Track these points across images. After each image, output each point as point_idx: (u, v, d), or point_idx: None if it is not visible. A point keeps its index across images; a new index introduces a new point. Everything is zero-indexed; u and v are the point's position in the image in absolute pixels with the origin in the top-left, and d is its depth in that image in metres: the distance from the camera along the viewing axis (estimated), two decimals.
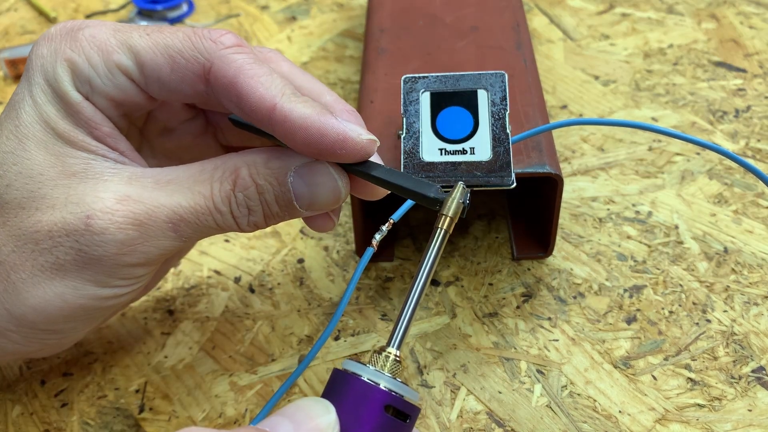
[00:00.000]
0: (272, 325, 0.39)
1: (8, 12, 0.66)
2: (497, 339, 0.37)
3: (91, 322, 0.31)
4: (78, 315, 0.29)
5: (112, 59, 0.28)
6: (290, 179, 0.27)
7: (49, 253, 0.27)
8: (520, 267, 0.41)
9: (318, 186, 0.28)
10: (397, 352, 0.26)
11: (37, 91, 0.28)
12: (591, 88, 0.52)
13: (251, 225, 0.28)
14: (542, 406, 0.34)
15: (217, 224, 0.28)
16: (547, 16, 0.60)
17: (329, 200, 0.28)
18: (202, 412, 0.35)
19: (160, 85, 0.28)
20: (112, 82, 0.28)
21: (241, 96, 0.27)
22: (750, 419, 0.33)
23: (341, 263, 0.42)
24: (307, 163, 0.28)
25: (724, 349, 0.36)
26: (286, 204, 0.28)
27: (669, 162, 0.46)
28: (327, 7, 0.63)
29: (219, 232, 0.29)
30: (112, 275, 0.28)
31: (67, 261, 0.27)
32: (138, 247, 0.27)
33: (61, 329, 0.29)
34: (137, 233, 0.27)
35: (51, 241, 0.27)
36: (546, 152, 0.37)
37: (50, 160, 0.27)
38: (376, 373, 0.25)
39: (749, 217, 0.42)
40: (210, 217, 0.28)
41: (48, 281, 0.28)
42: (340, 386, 0.25)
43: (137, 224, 0.27)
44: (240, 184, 0.27)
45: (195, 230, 0.28)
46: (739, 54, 0.54)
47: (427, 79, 0.36)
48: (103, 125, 0.28)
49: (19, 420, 0.35)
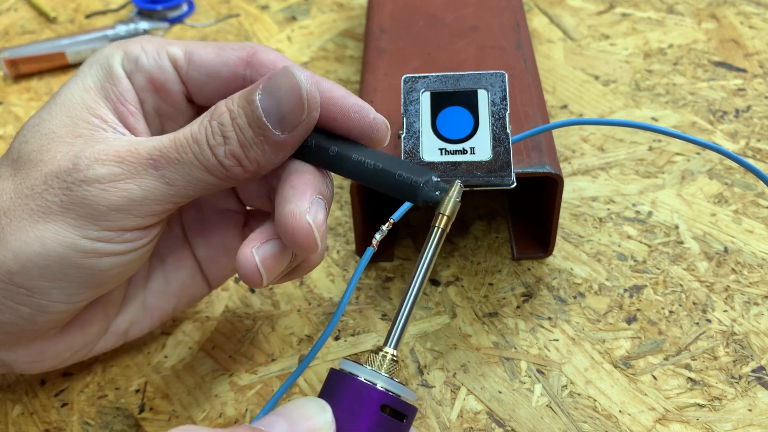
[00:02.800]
0: (272, 325, 0.39)
1: (8, 12, 0.66)
2: (497, 339, 0.37)
3: (67, 289, 0.29)
4: (54, 268, 0.28)
5: (164, 47, 0.31)
6: (258, 96, 0.28)
7: (40, 197, 0.28)
8: (520, 267, 0.41)
9: (281, 89, 0.28)
10: (394, 351, 0.26)
11: (86, 69, 0.31)
12: (591, 88, 0.52)
13: (230, 156, 0.28)
14: (542, 406, 0.34)
15: (197, 158, 0.28)
16: (547, 16, 0.60)
17: (294, 102, 0.28)
18: (203, 412, 0.35)
19: (201, 70, 0.31)
20: (156, 62, 0.31)
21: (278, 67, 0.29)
22: (750, 419, 0.33)
23: (341, 263, 0.42)
24: (271, 75, 0.28)
25: (724, 348, 0.36)
26: (257, 123, 0.28)
27: (669, 162, 0.46)
28: (327, 7, 0.63)
29: (206, 175, 0.28)
30: (94, 220, 0.28)
31: (54, 203, 0.28)
32: (119, 184, 0.28)
33: (35, 287, 0.29)
34: (119, 169, 0.28)
35: (44, 185, 0.28)
36: (546, 152, 0.37)
37: (64, 120, 0.30)
38: (373, 373, 0.25)
39: (749, 217, 0.42)
40: (188, 149, 0.28)
41: (32, 224, 0.28)
42: (337, 386, 0.26)
43: (119, 160, 0.28)
44: (216, 113, 0.28)
45: (177, 168, 0.28)
46: (739, 54, 0.54)
47: (427, 78, 0.36)
48: (130, 103, 0.31)
49: (20, 420, 0.35)
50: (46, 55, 0.57)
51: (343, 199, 0.45)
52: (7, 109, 0.55)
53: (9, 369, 0.33)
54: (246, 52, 0.31)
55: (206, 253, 0.35)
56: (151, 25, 0.61)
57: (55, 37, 0.60)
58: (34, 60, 0.57)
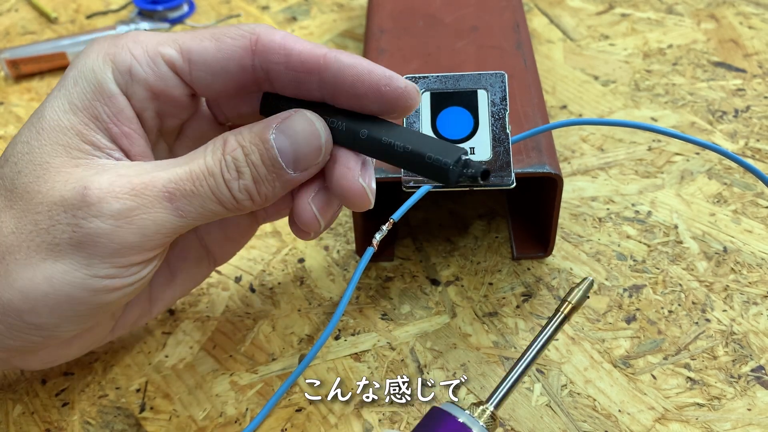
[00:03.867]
0: (273, 325, 0.39)
1: (9, 12, 0.66)
2: (497, 338, 0.37)
3: (76, 321, 0.29)
4: (63, 306, 0.28)
5: (157, 49, 0.29)
6: (272, 135, 0.28)
7: (47, 233, 0.27)
8: (520, 266, 0.41)
9: (298, 134, 0.28)
10: (494, 409, 0.29)
11: (71, 86, 0.29)
12: (591, 88, 0.52)
13: (243, 191, 0.28)
14: (542, 405, 0.34)
15: (212, 192, 0.28)
16: (547, 17, 0.60)
17: (311, 148, 0.28)
18: (203, 412, 0.35)
19: (206, 69, 0.29)
20: (153, 71, 0.29)
21: (291, 51, 0.28)
22: (749, 418, 0.33)
23: (342, 263, 0.42)
24: (286, 117, 0.28)
25: (724, 348, 0.36)
26: (272, 162, 0.28)
27: (668, 162, 0.46)
28: (327, 8, 0.63)
29: (217, 207, 0.28)
30: (105, 257, 0.27)
31: (63, 240, 0.27)
32: (135, 219, 0.27)
33: (44, 324, 0.28)
34: (134, 203, 0.27)
35: (50, 220, 0.27)
36: (546, 152, 0.37)
37: (56, 149, 0.28)
38: (471, 418, 0.28)
39: (748, 217, 0.43)
40: (204, 183, 0.28)
41: (40, 263, 0.27)
42: (436, 422, 0.28)
43: (134, 194, 0.27)
44: (228, 147, 0.28)
45: (191, 200, 0.28)
46: (738, 54, 0.55)
47: (427, 79, 0.37)
48: (125, 123, 0.29)
49: (20, 419, 0.35)
50: (46, 56, 0.58)
51: None
52: (8, 109, 0.55)
53: (19, 368, 0.33)
54: (248, 39, 0.29)
55: (215, 234, 0.35)
56: (151, 25, 0.61)
57: (56, 37, 0.60)
58: (35, 60, 0.57)
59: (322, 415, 0.35)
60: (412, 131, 0.29)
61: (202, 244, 0.35)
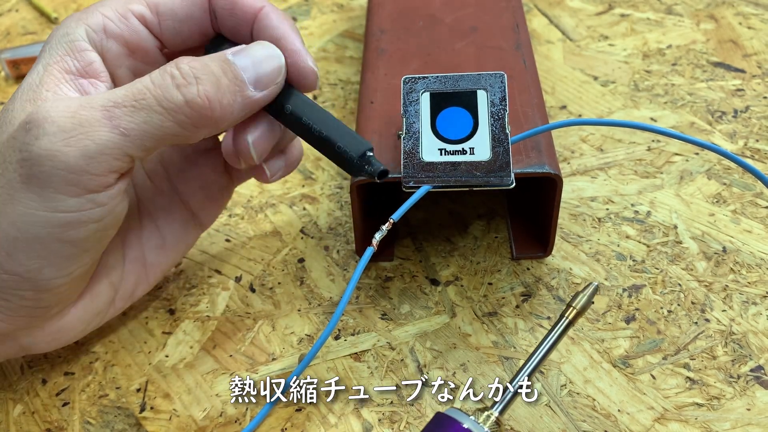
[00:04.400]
0: (273, 325, 0.39)
1: (9, 13, 0.66)
2: (497, 338, 0.37)
3: (57, 264, 0.29)
4: (36, 247, 0.28)
5: (126, 6, 0.31)
6: (230, 56, 0.29)
7: (2, 177, 0.27)
8: (520, 266, 0.41)
9: (257, 55, 0.30)
10: (498, 415, 0.29)
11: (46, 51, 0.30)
12: (590, 89, 0.52)
13: (203, 96, 0.28)
14: (542, 405, 0.34)
15: (159, 102, 0.28)
16: (547, 17, 0.60)
17: (272, 67, 0.30)
18: (203, 411, 0.35)
19: (173, 18, 0.31)
20: (126, 26, 0.31)
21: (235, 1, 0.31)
22: (749, 418, 0.33)
23: (341, 263, 0.42)
24: (242, 47, 0.30)
25: (723, 348, 0.36)
26: (234, 76, 0.29)
27: (668, 162, 0.46)
28: (327, 8, 0.63)
29: (166, 121, 0.28)
30: (58, 188, 0.27)
31: (14, 180, 0.27)
32: (75, 139, 0.27)
33: (27, 271, 0.28)
34: (72, 123, 0.27)
35: (2, 164, 0.28)
36: (545, 152, 0.37)
37: (25, 105, 0.29)
38: (475, 424, 0.28)
39: (748, 217, 0.43)
40: (148, 95, 0.28)
41: (2, 209, 0.28)
42: (441, 428, 0.29)
43: (72, 115, 0.27)
44: (183, 60, 0.29)
45: (132, 116, 0.27)
46: (737, 54, 0.55)
47: (427, 79, 0.37)
48: (94, 76, 0.30)
49: (21, 419, 0.35)
50: None
51: (343, 199, 0.45)
52: None
53: (28, 352, 0.34)
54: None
55: (196, 196, 0.37)
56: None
57: None
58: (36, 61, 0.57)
59: (322, 415, 0.35)
60: (332, 118, 0.31)
61: (186, 207, 0.37)
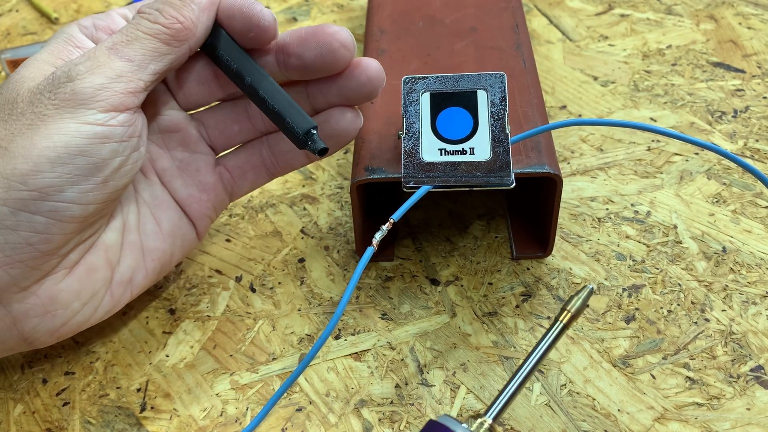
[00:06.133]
0: (273, 324, 0.39)
1: (10, 13, 0.66)
2: (497, 338, 0.37)
3: (78, 181, 0.31)
4: (63, 158, 0.30)
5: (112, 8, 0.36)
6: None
7: (32, 113, 0.31)
8: (520, 266, 0.41)
9: None
10: (491, 422, 0.29)
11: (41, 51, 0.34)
12: (590, 89, 0.53)
13: (170, 17, 0.33)
14: (541, 404, 0.35)
15: (146, 33, 0.33)
16: (547, 17, 0.60)
17: None
18: (203, 411, 0.35)
19: None
20: (111, 19, 0.35)
21: None
22: (748, 418, 0.33)
23: (342, 263, 0.42)
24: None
25: (723, 348, 0.36)
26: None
27: (667, 162, 0.46)
28: (327, 8, 0.63)
29: (158, 44, 0.33)
30: (86, 104, 0.31)
31: (48, 109, 0.31)
32: (97, 70, 0.32)
33: (48, 186, 0.30)
34: (90, 62, 0.32)
35: (30, 106, 0.31)
36: (545, 152, 0.37)
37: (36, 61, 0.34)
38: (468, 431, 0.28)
39: (748, 217, 0.43)
40: (135, 31, 0.33)
41: (35, 132, 0.31)
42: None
43: (86, 57, 0.32)
44: (140, 5, 0.34)
45: (131, 46, 0.32)
46: (737, 55, 0.55)
47: (427, 79, 0.37)
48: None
49: (21, 419, 0.35)
50: None
51: (343, 199, 0.45)
52: None
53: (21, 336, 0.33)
54: None
55: (185, 193, 0.38)
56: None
57: None
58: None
59: (322, 415, 0.35)
60: (284, 94, 0.34)
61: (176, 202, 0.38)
